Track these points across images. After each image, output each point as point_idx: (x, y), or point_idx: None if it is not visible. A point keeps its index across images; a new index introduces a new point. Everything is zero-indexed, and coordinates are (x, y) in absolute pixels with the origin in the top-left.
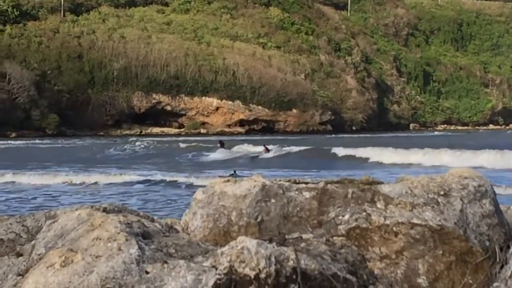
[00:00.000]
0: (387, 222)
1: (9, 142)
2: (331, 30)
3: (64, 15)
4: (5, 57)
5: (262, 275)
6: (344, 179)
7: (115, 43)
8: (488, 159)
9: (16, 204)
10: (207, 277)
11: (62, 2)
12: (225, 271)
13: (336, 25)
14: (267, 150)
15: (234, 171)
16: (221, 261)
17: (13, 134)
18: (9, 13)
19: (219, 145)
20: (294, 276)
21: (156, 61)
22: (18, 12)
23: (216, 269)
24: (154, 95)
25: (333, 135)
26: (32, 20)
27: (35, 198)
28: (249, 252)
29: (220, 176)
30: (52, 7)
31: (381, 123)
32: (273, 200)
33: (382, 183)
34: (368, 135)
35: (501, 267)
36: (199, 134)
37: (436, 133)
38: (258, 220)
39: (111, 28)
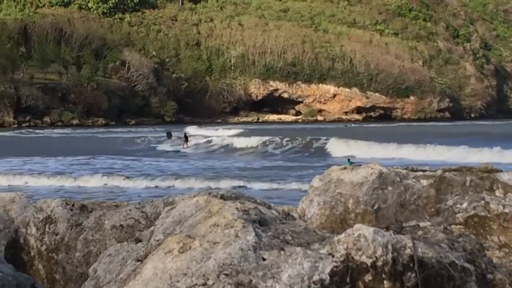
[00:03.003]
0: (506, 210)
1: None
2: (449, 16)
3: (182, 3)
4: (125, 45)
5: (379, 263)
6: (463, 167)
7: (232, 31)
8: None
9: None
10: (323, 265)
11: None
12: (341, 259)
13: (455, 11)
14: (186, 141)
15: (349, 159)
16: (337, 248)
17: (132, 121)
18: (129, 1)
19: (166, 136)
20: (411, 264)
21: (273, 48)
22: (137, 1)
23: (333, 256)
24: (271, 82)
25: (451, 123)
26: (150, 9)
27: None
28: (365, 240)
29: None
30: None
31: (501, 110)
32: (390, 188)
33: (501, 171)
34: (485, 122)
35: None
36: (316, 121)
37: None
38: (375, 207)
39: (228, 15)
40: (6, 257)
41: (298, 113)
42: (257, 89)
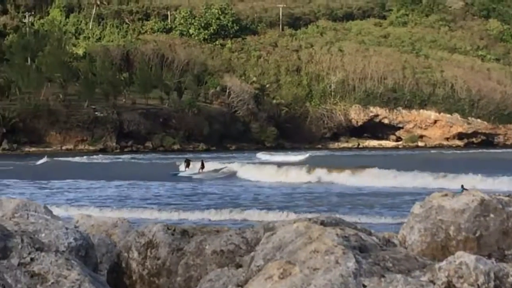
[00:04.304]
0: None
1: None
2: None
3: (282, 29)
4: (225, 71)
5: None
6: None
7: (332, 56)
8: None
9: None
10: None
11: (281, 17)
12: (442, 287)
13: None
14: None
15: (462, 185)
16: (438, 276)
17: (233, 147)
18: (229, 27)
19: (185, 164)
20: None
21: (374, 74)
22: (238, 27)
23: (434, 284)
24: (371, 108)
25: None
26: (251, 35)
27: None
28: (467, 268)
29: None
30: (271, 21)
31: None
32: (492, 215)
33: None
34: None
35: None
36: (417, 147)
37: None
38: (477, 235)
39: (329, 41)
40: (108, 281)
41: (398, 139)
42: (357, 115)
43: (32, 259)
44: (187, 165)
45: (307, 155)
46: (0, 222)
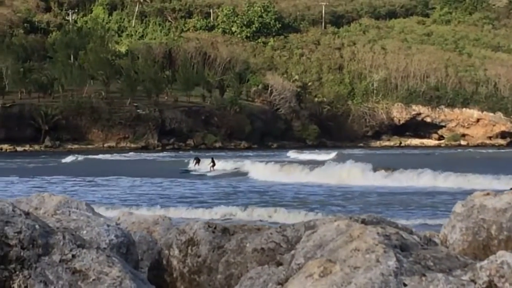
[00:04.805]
0: None
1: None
2: None
3: (325, 27)
4: (267, 69)
5: None
6: None
7: (375, 55)
8: None
9: None
10: None
11: (323, 15)
12: (484, 286)
13: None
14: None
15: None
16: (480, 275)
17: (274, 145)
18: (272, 25)
19: (194, 161)
20: None
21: (416, 72)
22: (280, 25)
23: (475, 283)
24: (413, 107)
25: None
26: (294, 32)
27: None
28: (509, 267)
29: None
30: (314, 19)
31: None
32: None
33: None
34: None
35: None
36: (459, 146)
37: None
38: None
39: (371, 39)
40: (149, 278)
41: (441, 137)
42: (399, 113)
43: (73, 256)
44: (197, 162)
45: (335, 153)
46: (42, 219)
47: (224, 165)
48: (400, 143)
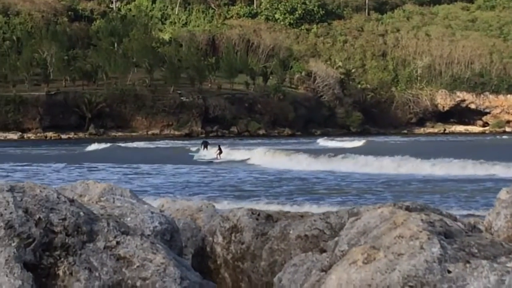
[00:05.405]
0: None
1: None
2: None
3: (368, 14)
4: (311, 56)
5: None
6: None
7: (419, 41)
8: None
9: None
10: (510, 278)
11: (367, 1)
12: None
13: None
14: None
15: None
16: None
17: (318, 132)
18: (315, 12)
19: (202, 145)
20: None
21: (460, 58)
22: (323, 12)
23: None
24: (458, 93)
25: None
26: (337, 19)
27: None
28: None
29: None
30: (357, 5)
31: None
32: None
33: None
34: None
35: None
36: (504, 132)
37: None
38: None
39: (415, 26)
40: (193, 265)
41: (485, 124)
42: (443, 100)
43: (118, 243)
44: (205, 147)
45: (363, 141)
46: (86, 206)
47: (232, 153)
48: (444, 130)
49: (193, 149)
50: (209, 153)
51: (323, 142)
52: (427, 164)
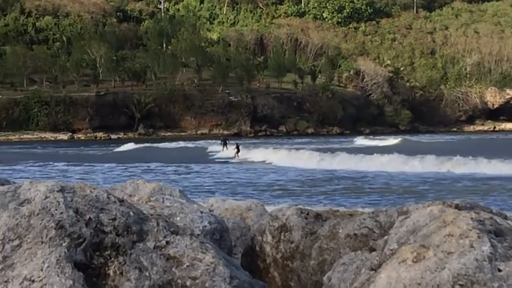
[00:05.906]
0: None
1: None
2: None
3: (416, 12)
4: (359, 54)
5: None
6: None
7: (468, 39)
8: None
9: None
10: None
11: None
12: None
13: None
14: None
15: None
16: None
17: (367, 130)
18: (363, 10)
19: (222, 143)
20: None
21: (510, 56)
22: (371, 10)
23: None
24: (507, 90)
25: None
26: (385, 17)
27: None
28: None
29: None
30: (405, 4)
31: None
32: None
33: None
34: None
35: None
36: None
37: None
38: None
39: (464, 23)
40: (242, 264)
41: None
42: (493, 97)
43: (167, 242)
44: (224, 145)
45: (399, 139)
46: (136, 206)
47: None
48: (494, 127)
49: (211, 148)
50: (228, 151)
51: (360, 141)
52: (473, 163)
